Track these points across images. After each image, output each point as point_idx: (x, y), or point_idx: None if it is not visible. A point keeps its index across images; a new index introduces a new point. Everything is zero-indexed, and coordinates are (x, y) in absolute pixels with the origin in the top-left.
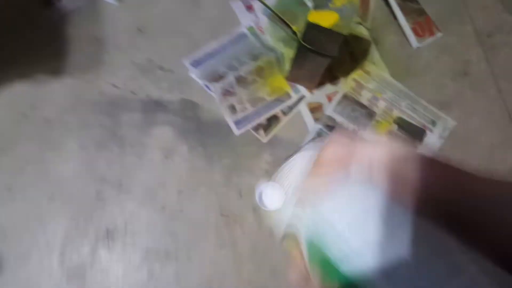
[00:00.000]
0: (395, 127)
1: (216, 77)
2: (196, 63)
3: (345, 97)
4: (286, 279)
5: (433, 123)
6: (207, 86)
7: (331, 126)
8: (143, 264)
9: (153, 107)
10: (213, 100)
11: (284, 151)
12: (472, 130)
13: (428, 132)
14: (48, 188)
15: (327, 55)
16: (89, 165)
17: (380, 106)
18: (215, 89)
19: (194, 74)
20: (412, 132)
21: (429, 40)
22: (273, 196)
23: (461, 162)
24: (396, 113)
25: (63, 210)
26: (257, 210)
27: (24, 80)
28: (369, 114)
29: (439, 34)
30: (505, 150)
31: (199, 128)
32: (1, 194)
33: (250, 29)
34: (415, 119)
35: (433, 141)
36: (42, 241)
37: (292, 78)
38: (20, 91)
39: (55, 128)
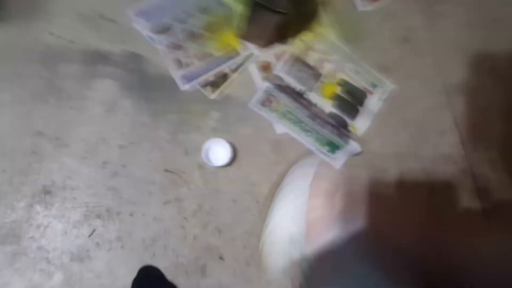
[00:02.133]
0: (339, 88)
1: (162, 29)
2: (141, 13)
3: (293, 57)
4: (231, 237)
5: (374, 86)
6: (151, 38)
7: (278, 85)
8: (83, 221)
9: (94, 58)
10: (158, 53)
11: (232, 109)
12: (409, 94)
13: (368, 94)
14: None
15: (279, 12)
16: (24, 118)
17: (326, 68)
18: (160, 42)
19: (138, 25)
20: (354, 94)
21: (376, 5)
22: (219, 153)
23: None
24: (340, 76)
25: None
26: (203, 167)
27: None
28: (315, 75)
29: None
30: (437, 114)
31: (143, 82)
32: None
33: None
34: (358, 81)
35: (373, 102)
36: None
37: (244, 35)
38: None
39: None
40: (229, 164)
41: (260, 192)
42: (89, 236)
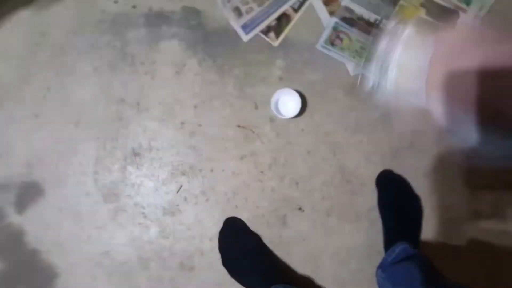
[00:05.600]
0: (423, 11)
1: None
2: None
3: None
4: (308, 189)
5: (468, 2)
6: None
7: (349, 18)
8: (171, 178)
9: (157, 20)
10: (216, 5)
11: (298, 54)
12: None
13: (462, 13)
14: (72, 113)
15: None
16: (105, 87)
17: None
18: None
19: None
20: (442, 14)
21: None
22: (288, 103)
23: None
24: None
25: (89, 133)
26: (274, 120)
27: (28, 6)
28: None
29: None
30: None
31: (206, 38)
32: (30, 122)
33: None
34: None
35: (467, 22)
36: (75, 163)
37: None
38: (27, 19)
39: (67, 53)
40: (300, 114)
41: (335, 141)
42: (177, 192)
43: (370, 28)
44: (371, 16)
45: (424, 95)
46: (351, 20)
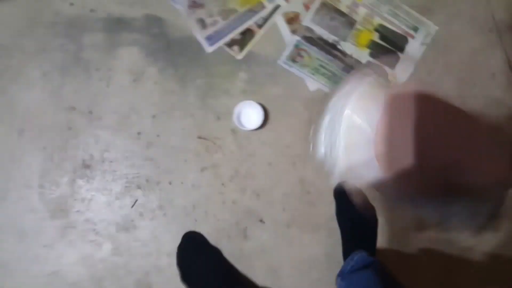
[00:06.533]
0: (376, 35)
1: None
2: None
3: (324, 4)
4: (269, 200)
5: (415, 29)
6: None
7: (309, 37)
8: (125, 192)
9: (116, 26)
10: (180, 15)
11: (260, 68)
12: (454, 36)
13: (410, 39)
14: (16, 121)
15: None
16: (55, 94)
17: (361, 13)
18: (181, 2)
19: None
20: (394, 39)
21: None
22: (251, 116)
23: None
24: (377, 20)
25: (35, 144)
26: (236, 132)
27: None
28: (349, 22)
29: None
30: (487, 55)
31: (168, 47)
32: None
33: None
34: (397, 25)
35: (415, 47)
36: (18, 177)
37: None
38: None
39: (13, 55)
40: (262, 126)
41: (295, 154)
42: (132, 206)
43: (328, 47)
44: (330, 37)
45: (374, 165)
46: (312, 39)
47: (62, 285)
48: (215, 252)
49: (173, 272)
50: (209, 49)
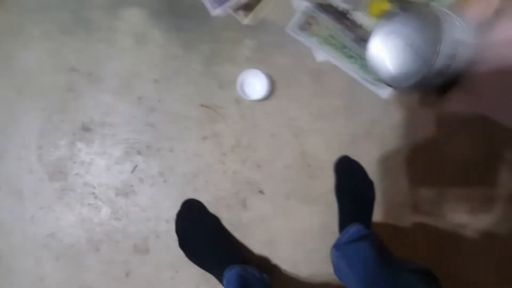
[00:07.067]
0: (389, 5)
1: None
2: None
3: None
4: (270, 172)
5: None
6: None
7: (319, 4)
8: (125, 157)
9: None
10: None
11: (267, 35)
12: None
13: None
14: (15, 80)
15: None
16: (55, 54)
17: None
18: None
19: None
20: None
21: None
22: (256, 85)
23: None
24: None
25: (34, 104)
26: (239, 101)
27: None
28: None
29: None
30: None
31: (172, 9)
32: None
33: None
34: None
35: None
36: (17, 137)
37: None
38: None
39: (12, 11)
40: (266, 97)
41: (298, 126)
42: (132, 171)
43: (339, 16)
44: (340, 5)
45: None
46: (322, 6)
47: (59, 246)
48: (214, 220)
49: (172, 238)
50: (214, 11)
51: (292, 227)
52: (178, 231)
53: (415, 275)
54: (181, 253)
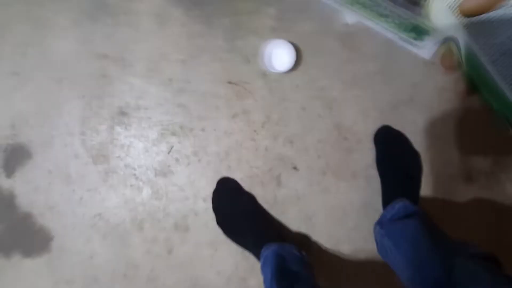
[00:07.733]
0: None
1: None
2: None
3: None
4: (303, 147)
5: None
6: None
7: None
8: (161, 138)
9: None
10: None
11: (291, 2)
12: None
13: None
14: (54, 70)
15: None
16: (87, 41)
17: None
18: None
19: None
20: None
21: None
22: (282, 56)
23: None
24: None
25: (73, 92)
26: (266, 75)
27: None
28: None
29: None
30: None
31: None
32: (11, 80)
33: None
34: None
35: None
36: (61, 125)
37: None
38: None
39: (43, 4)
40: (294, 68)
41: (331, 97)
42: (168, 152)
43: None
44: None
45: None
46: None
47: (106, 226)
48: (249, 198)
49: (209, 216)
50: None
51: (330, 204)
52: (215, 209)
53: (476, 260)
54: (219, 231)
